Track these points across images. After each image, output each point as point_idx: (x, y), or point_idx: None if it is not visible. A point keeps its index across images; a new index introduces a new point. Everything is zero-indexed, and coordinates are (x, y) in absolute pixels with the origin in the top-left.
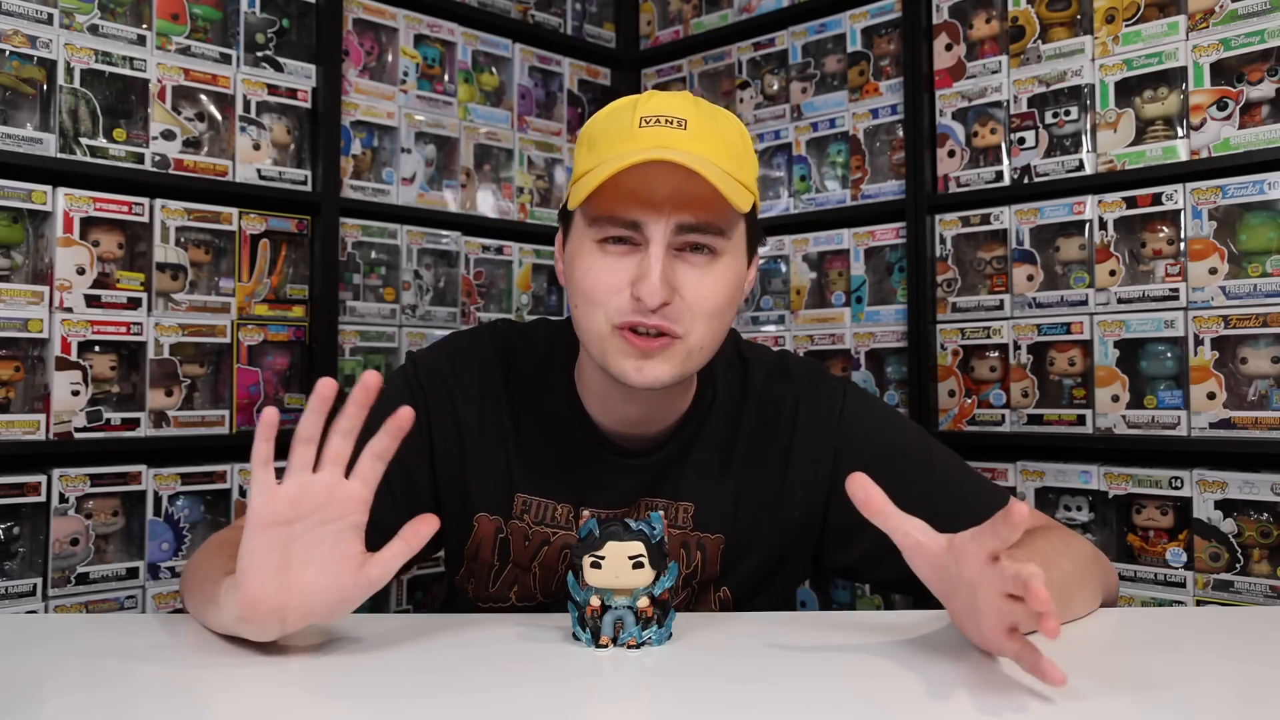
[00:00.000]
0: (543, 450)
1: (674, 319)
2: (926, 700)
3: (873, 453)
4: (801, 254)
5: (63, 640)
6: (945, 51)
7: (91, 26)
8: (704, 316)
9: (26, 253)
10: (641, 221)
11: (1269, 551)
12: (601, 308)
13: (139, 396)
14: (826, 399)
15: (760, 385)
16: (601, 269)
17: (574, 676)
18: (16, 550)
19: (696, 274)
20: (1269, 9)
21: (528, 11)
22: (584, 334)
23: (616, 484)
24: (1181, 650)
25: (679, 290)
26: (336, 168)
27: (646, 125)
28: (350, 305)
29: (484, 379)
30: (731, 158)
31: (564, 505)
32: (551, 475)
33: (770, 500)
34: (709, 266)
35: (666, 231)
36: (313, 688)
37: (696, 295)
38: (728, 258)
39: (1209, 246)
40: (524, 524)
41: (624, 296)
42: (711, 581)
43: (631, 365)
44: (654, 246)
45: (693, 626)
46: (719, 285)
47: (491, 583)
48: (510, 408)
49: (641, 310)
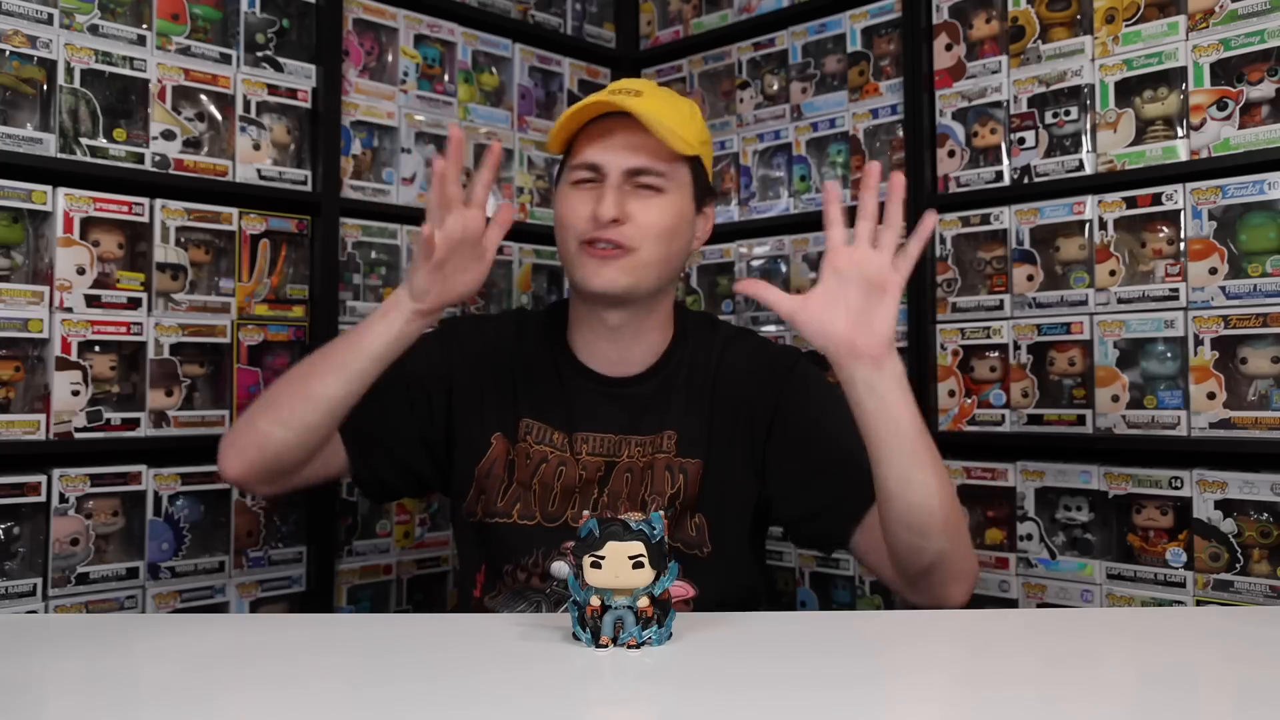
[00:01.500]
0: (543, 385)
1: (625, 235)
2: (926, 700)
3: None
4: (801, 254)
5: (63, 640)
6: (945, 51)
7: (91, 26)
8: (651, 237)
9: (26, 253)
10: (600, 163)
11: (1269, 551)
12: (570, 230)
13: (139, 396)
14: (782, 355)
15: (723, 342)
16: (572, 201)
17: (574, 676)
18: (16, 550)
19: (643, 203)
20: (1269, 9)
21: (528, 11)
22: (561, 257)
23: (604, 412)
24: (1181, 650)
25: (631, 215)
26: (336, 168)
27: (613, 94)
28: (350, 305)
29: (501, 334)
30: (675, 117)
31: (560, 432)
32: (550, 404)
33: (731, 437)
34: (654, 198)
35: (619, 171)
36: (313, 688)
37: (644, 217)
38: (670, 194)
39: (1209, 246)
40: (526, 444)
41: (587, 220)
42: (689, 507)
43: (591, 270)
44: (610, 179)
45: (692, 627)
46: (663, 212)
47: (499, 498)
48: (520, 354)
49: (599, 226)
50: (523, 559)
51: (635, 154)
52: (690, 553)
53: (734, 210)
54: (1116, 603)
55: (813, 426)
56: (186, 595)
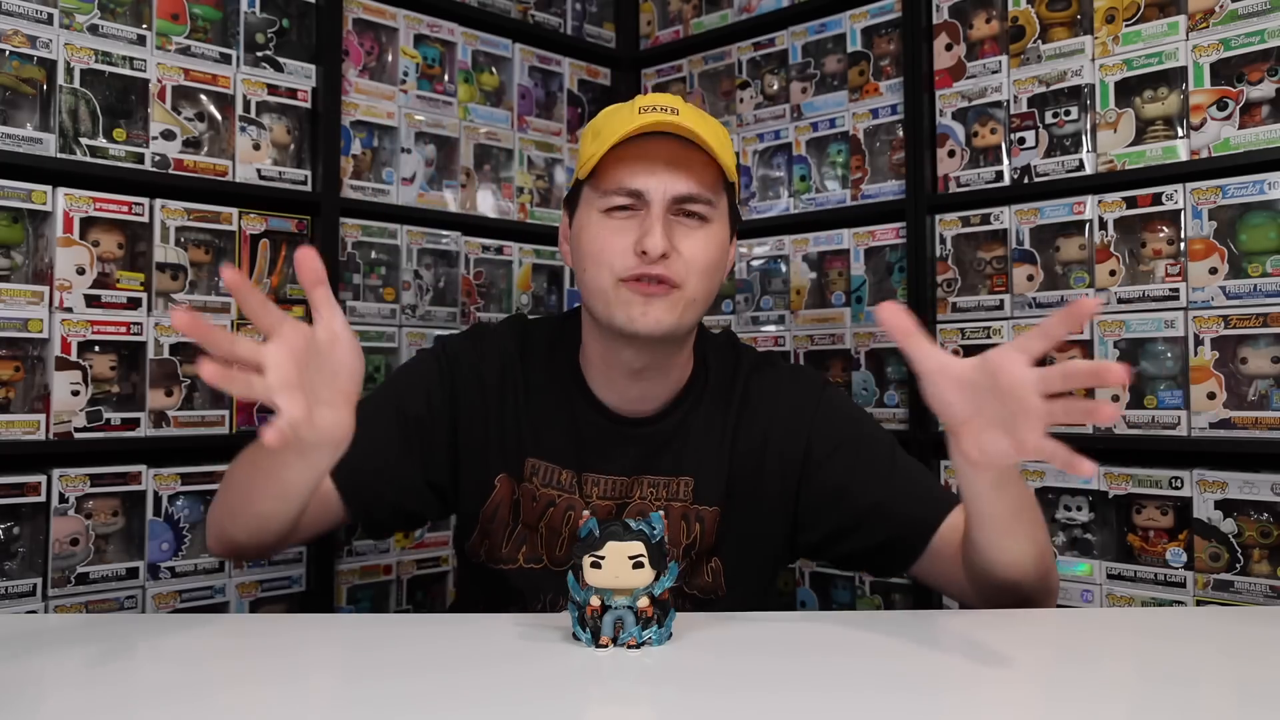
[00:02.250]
0: (551, 420)
1: (673, 270)
2: (924, 699)
3: (842, 439)
4: (801, 254)
5: (63, 640)
6: (945, 51)
7: (91, 26)
8: (698, 271)
9: (26, 253)
10: (643, 190)
11: (1269, 551)
12: (607, 266)
13: (139, 396)
14: (806, 388)
15: (747, 373)
16: (609, 232)
17: (573, 677)
18: (16, 550)
19: (690, 235)
20: (1269, 9)
21: (528, 11)
22: (591, 293)
23: (617, 453)
24: (1181, 650)
25: (677, 248)
26: (336, 168)
27: (645, 112)
28: (350, 305)
29: (504, 357)
30: (715, 138)
31: (568, 471)
32: (558, 442)
33: (755, 481)
34: (701, 229)
35: (665, 198)
36: (313, 687)
37: (692, 252)
38: (715, 225)
39: (1209, 246)
40: (533, 486)
41: (628, 254)
42: (705, 553)
43: (637, 310)
44: (655, 208)
45: (692, 627)
46: (710, 245)
47: (504, 543)
48: (525, 383)
49: (645, 262)
50: (531, 604)
51: (682, 179)
52: (706, 598)
53: None
54: (1116, 603)
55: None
56: (186, 595)
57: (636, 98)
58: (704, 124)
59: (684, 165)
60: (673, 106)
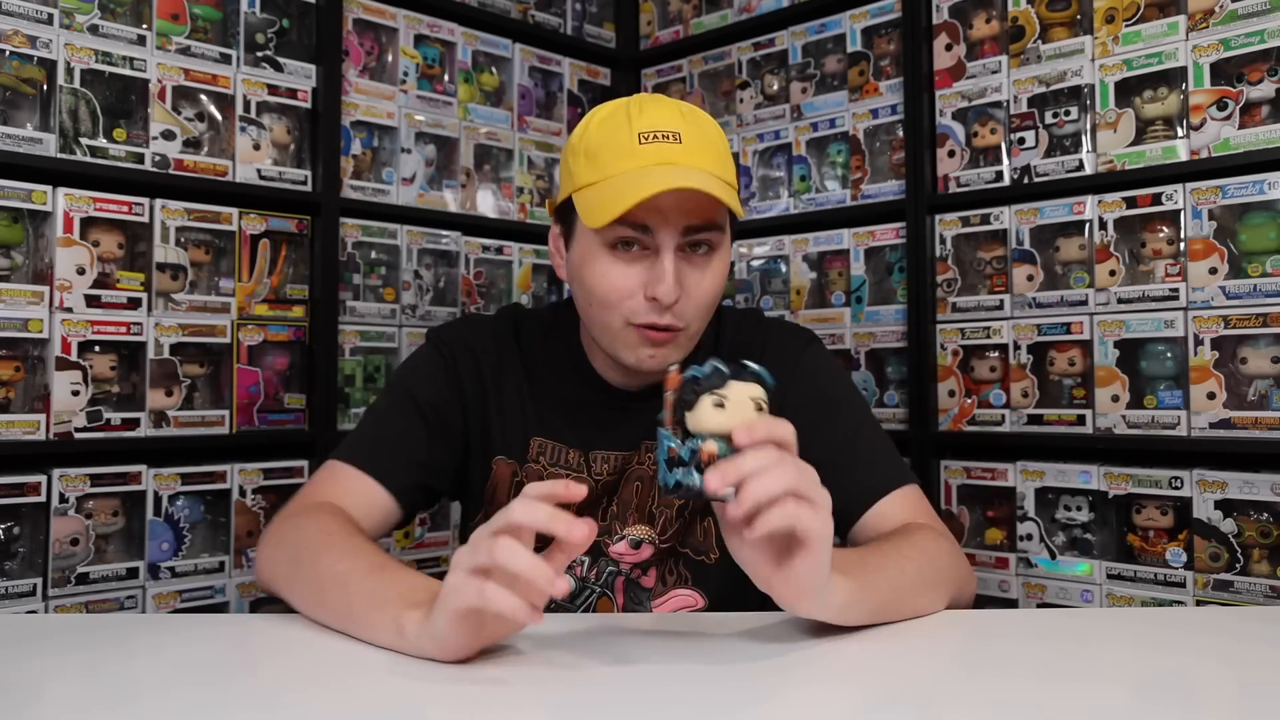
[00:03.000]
0: (554, 398)
1: (681, 316)
2: (926, 700)
3: (814, 394)
4: (801, 254)
5: (63, 640)
6: (945, 51)
7: (91, 26)
8: (704, 308)
9: (26, 253)
10: (652, 226)
11: (1269, 551)
12: (617, 310)
13: (139, 396)
14: (792, 342)
15: (733, 329)
16: (615, 274)
17: (573, 676)
18: (16, 550)
19: (699, 272)
20: (1269, 9)
21: (528, 11)
22: (596, 328)
23: (621, 426)
24: (1181, 650)
25: (685, 289)
26: (336, 168)
27: (645, 141)
28: (350, 305)
29: (499, 339)
30: (720, 163)
31: (574, 450)
32: (562, 421)
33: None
34: (709, 262)
35: (676, 233)
36: (313, 687)
37: (699, 291)
38: (722, 250)
39: (1209, 246)
40: (539, 466)
41: (638, 299)
42: (698, 513)
43: (646, 354)
44: (665, 251)
45: (692, 626)
46: (716, 279)
47: None
48: (523, 363)
49: (657, 310)
50: None
51: (690, 213)
52: (698, 558)
53: None
54: (1116, 603)
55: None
56: (186, 595)
57: (631, 112)
58: (707, 148)
59: (694, 196)
60: (675, 132)
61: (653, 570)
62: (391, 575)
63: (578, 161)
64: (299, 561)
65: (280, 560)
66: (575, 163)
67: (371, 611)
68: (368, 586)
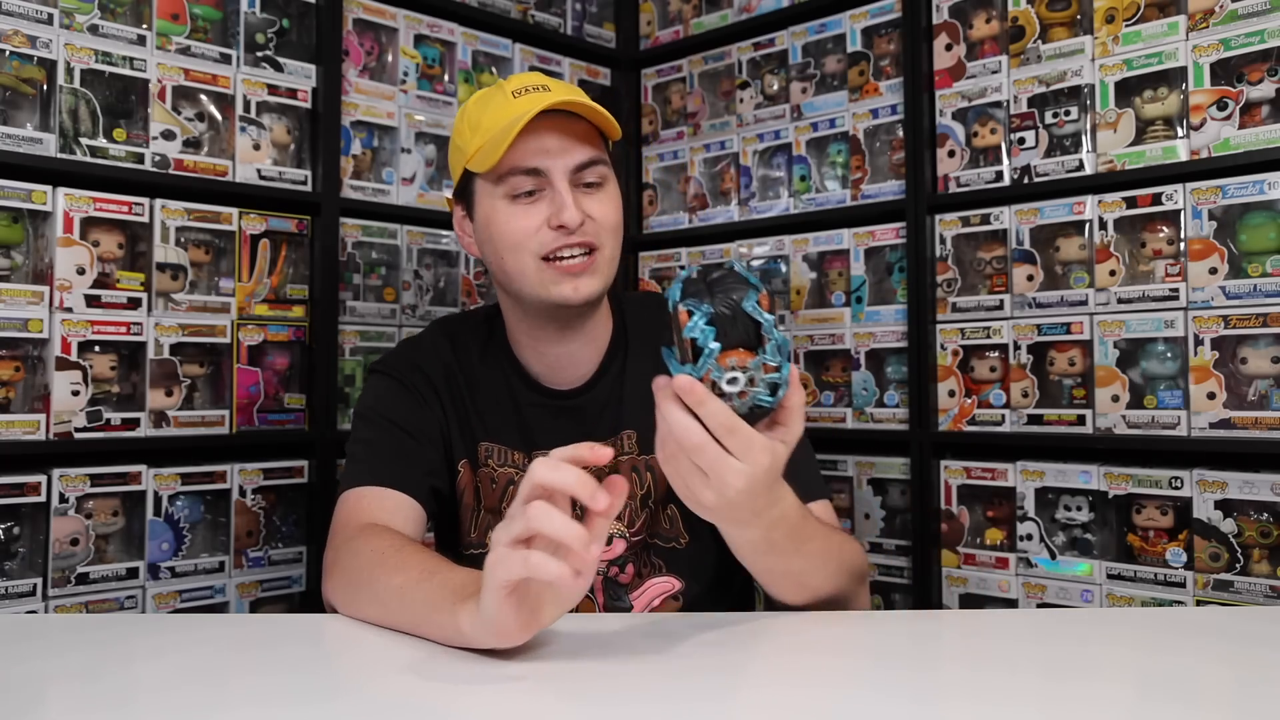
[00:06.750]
0: (493, 403)
1: (590, 234)
2: (926, 700)
3: None
4: (801, 254)
5: (63, 640)
6: (945, 51)
7: (91, 26)
8: (610, 230)
9: (26, 253)
10: (543, 167)
11: (1269, 551)
12: (526, 248)
13: (139, 396)
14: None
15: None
16: (520, 217)
17: (573, 676)
18: (16, 550)
19: (596, 199)
20: (1269, 9)
21: (528, 11)
22: (514, 277)
23: (559, 427)
24: (1181, 650)
25: (588, 213)
26: (336, 168)
27: (519, 95)
28: (350, 305)
29: (441, 355)
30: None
31: (518, 451)
32: (504, 424)
33: None
34: (602, 191)
35: (565, 169)
36: (313, 687)
37: (602, 214)
38: (611, 183)
39: (1209, 246)
40: (489, 468)
41: (545, 233)
42: (661, 501)
43: (569, 287)
44: (559, 183)
45: (690, 626)
46: (614, 204)
47: (472, 528)
48: (461, 371)
49: (564, 235)
50: None
51: (577, 148)
52: (668, 545)
53: (734, 210)
54: (1116, 603)
55: None
56: (186, 595)
57: (501, 84)
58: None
59: (572, 135)
60: (542, 84)
61: (630, 566)
62: (443, 577)
63: (463, 137)
64: (358, 586)
65: (342, 587)
66: (462, 139)
67: (430, 615)
68: (422, 594)
